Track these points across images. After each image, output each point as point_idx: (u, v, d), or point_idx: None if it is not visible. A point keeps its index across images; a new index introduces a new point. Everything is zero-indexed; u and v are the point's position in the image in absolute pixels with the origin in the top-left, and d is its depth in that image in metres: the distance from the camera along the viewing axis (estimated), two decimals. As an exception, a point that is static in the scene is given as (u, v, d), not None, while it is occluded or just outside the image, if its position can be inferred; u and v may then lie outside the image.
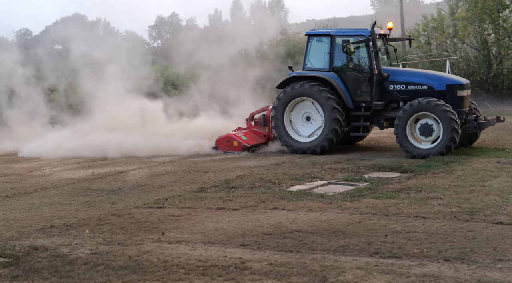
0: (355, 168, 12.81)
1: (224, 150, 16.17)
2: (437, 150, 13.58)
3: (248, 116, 17.14)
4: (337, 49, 15.27)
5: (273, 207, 9.34)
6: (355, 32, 15.52)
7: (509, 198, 9.11)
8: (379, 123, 15.12)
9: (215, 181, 11.83)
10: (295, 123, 15.60)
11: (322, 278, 5.97)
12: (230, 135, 16.39)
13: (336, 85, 15.00)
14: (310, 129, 15.46)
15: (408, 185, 10.57)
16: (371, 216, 8.44)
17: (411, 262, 6.35)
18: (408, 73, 15.62)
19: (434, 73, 16.40)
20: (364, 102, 15.04)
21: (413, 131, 14.02)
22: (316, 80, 15.22)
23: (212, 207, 9.50)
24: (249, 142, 16.20)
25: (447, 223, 7.87)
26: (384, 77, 14.88)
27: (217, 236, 7.71)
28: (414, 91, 14.64)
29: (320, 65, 15.58)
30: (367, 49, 14.99)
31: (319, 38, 15.78)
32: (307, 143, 15.27)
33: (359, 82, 15.18)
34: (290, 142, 15.43)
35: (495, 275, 5.81)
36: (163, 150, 16.71)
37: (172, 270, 6.41)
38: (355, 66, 15.32)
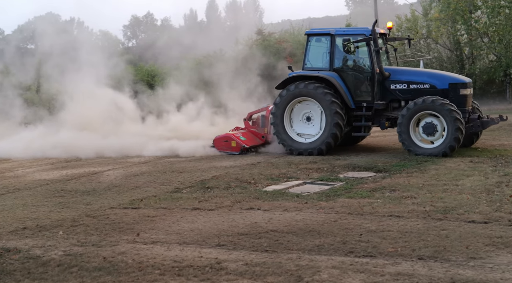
0: (330, 167, 12.88)
1: (222, 150, 15.88)
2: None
3: (246, 116, 16.84)
4: (337, 48, 15.07)
5: (248, 207, 9.34)
6: (355, 31, 15.42)
7: (481, 197, 9.24)
8: (380, 123, 14.93)
9: (190, 182, 11.79)
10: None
11: (297, 277, 5.98)
12: (228, 135, 16.08)
13: (337, 85, 14.80)
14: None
15: (382, 185, 10.65)
16: (346, 216, 8.49)
17: (386, 261, 6.40)
18: (409, 72, 15.46)
19: (436, 72, 16.23)
20: (365, 102, 14.86)
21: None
22: (316, 80, 15.02)
23: (188, 207, 9.47)
24: (247, 143, 15.93)
25: (421, 222, 7.95)
26: (385, 77, 14.73)
27: (193, 237, 7.68)
28: (416, 90, 14.48)
29: (320, 64, 15.39)
30: (368, 48, 14.81)
31: (319, 38, 15.56)
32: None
33: (360, 81, 15.01)
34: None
35: (467, 273, 5.88)
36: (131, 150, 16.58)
37: (147, 271, 6.37)
38: (356, 66, 15.17)
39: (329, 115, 14.65)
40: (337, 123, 14.60)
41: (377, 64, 14.59)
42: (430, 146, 13.69)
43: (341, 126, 14.67)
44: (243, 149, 15.63)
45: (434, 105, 13.54)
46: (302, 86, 14.97)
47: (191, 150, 16.11)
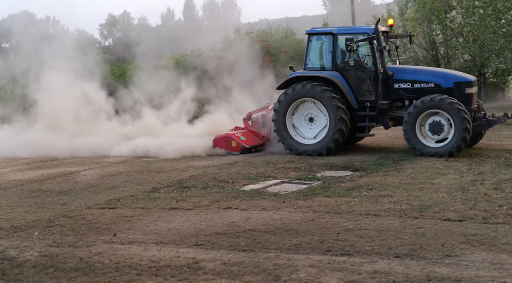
0: (308, 166, 12.92)
1: (221, 150, 15.51)
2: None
3: (246, 116, 16.46)
4: (339, 47, 14.76)
5: (226, 206, 9.33)
6: (358, 30, 15.10)
7: (456, 195, 9.35)
8: (383, 123, 14.66)
9: (168, 181, 11.74)
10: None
11: (275, 276, 6.00)
12: (228, 135, 15.69)
13: (341, 85, 14.49)
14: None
15: (359, 183, 10.72)
16: (323, 214, 8.53)
17: (363, 259, 6.44)
18: (413, 71, 15.26)
19: (441, 71, 15.97)
20: (369, 101, 14.54)
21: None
22: (318, 80, 14.68)
23: (165, 207, 9.42)
24: (248, 143, 15.57)
25: (398, 220, 8.02)
26: (389, 76, 14.43)
27: (170, 236, 7.65)
28: (421, 89, 14.19)
29: (322, 64, 15.10)
30: (370, 47, 14.49)
31: (320, 37, 15.22)
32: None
33: (363, 81, 14.72)
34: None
35: (443, 270, 5.95)
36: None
37: (124, 271, 6.33)
38: (359, 65, 14.84)
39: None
40: (341, 117, 14.23)
41: (381, 63, 14.35)
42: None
43: (345, 120, 14.32)
44: (244, 149, 15.30)
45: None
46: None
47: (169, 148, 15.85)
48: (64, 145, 16.80)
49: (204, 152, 15.65)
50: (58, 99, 18.61)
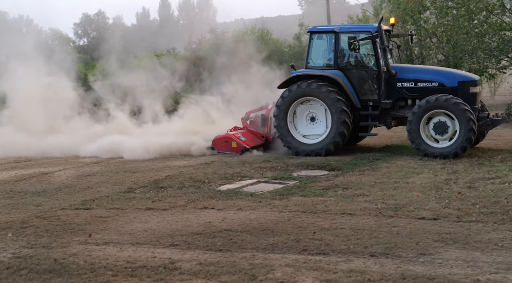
0: (284, 166, 12.95)
1: (221, 151, 15.18)
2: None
3: (244, 116, 16.16)
4: (342, 46, 14.58)
5: (202, 206, 9.31)
6: (360, 28, 15.03)
7: (430, 194, 9.46)
8: (386, 123, 14.46)
9: (143, 181, 11.68)
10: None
11: (251, 276, 6.00)
12: (228, 136, 15.33)
13: (343, 84, 14.29)
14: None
15: (335, 183, 10.78)
16: (299, 214, 8.56)
17: (338, 258, 6.48)
18: (416, 70, 15.13)
19: (445, 70, 15.86)
20: (371, 101, 14.37)
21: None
22: (320, 78, 14.47)
23: (141, 207, 9.37)
24: (248, 143, 15.22)
25: (373, 219, 8.09)
26: (392, 75, 14.27)
27: (146, 237, 7.61)
28: (424, 88, 14.02)
29: (324, 63, 14.89)
30: (373, 46, 14.33)
31: (322, 35, 15.04)
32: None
33: (365, 80, 14.55)
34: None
35: (417, 268, 6.01)
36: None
37: (99, 272, 6.27)
38: (362, 64, 14.65)
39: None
40: (344, 121, 14.07)
41: (384, 62, 14.19)
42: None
43: (348, 124, 14.15)
44: (244, 150, 14.93)
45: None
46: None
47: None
48: (35, 145, 16.58)
49: (179, 151, 15.53)
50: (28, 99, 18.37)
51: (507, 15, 23.79)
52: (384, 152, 14.09)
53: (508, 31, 23.20)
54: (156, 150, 15.47)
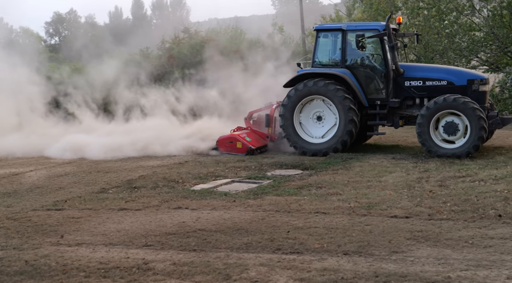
0: (258, 166, 12.97)
1: (226, 151, 14.76)
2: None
3: (247, 115, 15.76)
4: (349, 44, 14.34)
5: (176, 206, 9.27)
6: (368, 26, 14.87)
7: (403, 193, 9.56)
8: (393, 122, 14.24)
9: (117, 182, 11.58)
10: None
11: (225, 276, 6.00)
12: (233, 136, 14.93)
13: (351, 83, 14.07)
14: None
15: (309, 182, 10.83)
16: (273, 213, 8.58)
17: (312, 257, 6.52)
18: (424, 69, 14.89)
19: (453, 68, 15.75)
20: (379, 99, 14.16)
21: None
22: (326, 77, 14.25)
23: (114, 208, 9.29)
24: (254, 143, 14.85)
25: (346, 218, 8.15)
26: (400, 73, 14.08)
27: (119, 237, 7.56)
28: (433, 87, 13.87)
29: (331, 61, 14.70)
30: (381, 44, 14.16)
31: (329, 33, 14.84)
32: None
33: (373, 78, 14.34)
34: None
35: (390, 266, 6.08)
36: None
37: (71, 274, 6.21)
38: (369, 62, 14.46)
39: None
40: (352, 119, 13.85)
41: (393, 60, 14.03)
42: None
43: (355, 122, 13.94)
44: (250, 151, 14.58)
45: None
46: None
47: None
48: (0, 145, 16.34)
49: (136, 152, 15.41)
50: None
51: (476, 15, 24.18)
52: (357, 151, 14.18)
53: (478, 31, 23.58)
54: (126, 149, 15.35)
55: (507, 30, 22.87)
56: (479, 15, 24.10)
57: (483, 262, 6.08)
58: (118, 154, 15.15)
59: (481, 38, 23.41)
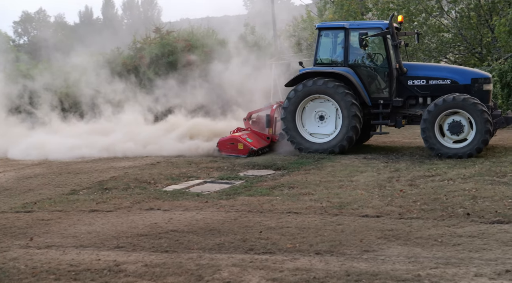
0: (230, 166, 12.96)
1: (227, 153, 14.46)
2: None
3: (246, 116, 15.47)
4: (352, 43, 14.19)
5: (148, 207, 9.22)
6: (371, 24, 14.82)
7: (374, 192, 9.65)
8: (396, 121, 14.11)
9: (87, 183, 11.46)
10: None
11: (198, 277, 5.98)
12: (234, 137, 14.62)
13: (354, 81, 13.93)
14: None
15: (281, 182, 10.87)
16: (246, 214, 8.59)
17: (284, 257, 6.54)
18: (428, 68, 14.88)
19: (457, 67, 15.66)
20: (382, 98, 14.04)
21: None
22: (328, 76, 14.10)
23: (85, 209, 9.20)
24: (255, 145, 14.60)
25: (318, 217, 8.19)
26: (404, 72, 13.97)
27: (90, 239, 7.48)
28: (436, 86, 13.77)
29: (333, 60, 14.56)
30: (384, 43, 14.05)
31: (332, 32, 14.69)
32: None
33: (376, 77, 14.26)
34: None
35: (361, 265, 6.13)
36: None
37: (41, 277, 6.12)
38: (372, 61, 14.39)
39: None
40: (355, 114, 13.73)
41: (396, 59, 13.92)
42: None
43: (359, 117, 13.81)
44: (252, 152, 14.31)
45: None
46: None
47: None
48: None
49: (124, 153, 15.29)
50: None
51: (445, 17, 24.56)
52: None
53: (446, 33, 23.96)
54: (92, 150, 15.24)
55: (475, 31, 23.30)
56: (447, 16, 24.49)
57: (452, 260, 6.18)
58: (86, 154, 15.00)
59: (449, 39, 23.81)
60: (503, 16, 20.99)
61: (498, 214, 7.90)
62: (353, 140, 13.96)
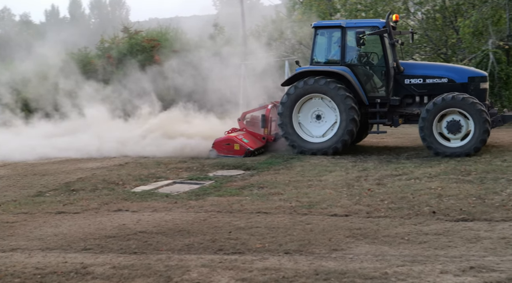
0: (200, 166, 12.92)
1: (222, 154, 14.19)
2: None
3: (240, 116, 15.26)
4: (348, 41, 14.06)
5: (116, 208, 9.14)
6: (368, 23, 14.48)
7: (342, 191, 9.73)
8: (393, 120, 14.03)
9: (54, 184, 11.30)
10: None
11: (166, 278, 5.95)
12: (230, 138, 14.43)
13: (352, 80, 13.79)
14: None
15: (251, 182, 10.88)
16: (215, 214, 8.58)
17: (254, 257, 6.55)
18: (424, 66, 14.75)
19: (454, 65, 15.67)
20: (379, 98, 13.93)
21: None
22: (326, 75, 13.94)
23: (51, 211, 9.07)
24: (251, 145, 14.40)
25: (287, 217, 8.23)
26: (401, 71, 13.87)
27: (57, 242, 7.38)
28: (433, 85, 13.70)
29: (330, 59, 14.38)
30: (381, 41, 13.88)
31: (328, 31, 14.54)
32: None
33: (373, 76, 14.18)
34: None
35: (330, 264, 6.17)
36: None
37: (6, 280, 6.02)
38: (369, 60, 14.31)
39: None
40: (353, 118, 13.59)
41: (394, 58, 13.83)
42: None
43: (356, 121, 13.66)
44: (248, 152, 14.10)
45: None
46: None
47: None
48: None
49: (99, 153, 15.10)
50: None
51: (411, 18, 24.91)
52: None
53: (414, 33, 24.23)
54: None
55: (440, 32, 23.68)
56: (413, 17, 24.83)
57: (418, 258, 6.27)
58: (50, 155, 14.84)
59: (415, 40, 24.11)
60: (467, 18, 21.37)
61: (462, 212, 8.05)
62: (348, 143, 13.90)
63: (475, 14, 20.73)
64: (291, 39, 32.62)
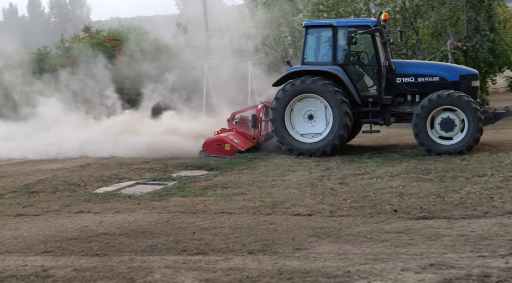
0: (163, 167, 12.84)
1: (213, 154, 13.97)
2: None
3: (230, 116, 14.98)
4: (340, 41, 13.90)
5: (78, 210, 9.03)
6: (359, 22, 14.51)
7: (306, 191, 9.80)
8: (385, 119, 13.93)
9: (13, 186, 11.08)
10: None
11: (129, 280, 5.90)
12: (221, 138, 14.22)
13: (344, 80, 13.59)
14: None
15: (215, 182, 10.86)
16: (179, 215, 8.54)
17: (218, 257, 6.54)
18: (416, 65, 14.78)
19: (445, 64, 15.63)
20: (371, 97, 13.78)
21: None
22: (318, 74, 13.69)
23: (10, 214, 8.91)
24: (242, 145, 14.22)
25: (251, 217, 8.24)
26: (393, 70, 13.75)
27: (16, 244, 7.24)
28: (425, 83, 13.61)
29: (321, 58, 14.19)
30: (373, 40, 13.77)
31: (319, 30, 14.33)
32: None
33: (365, 75, 14.06)
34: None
35: (293, 263, 6.21)
36: None
37: (-36, 285, 5.89)
38: (360, 59, 14.22)
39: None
40: (346, 117, 13.40)
41: (385, 57, 13.73)
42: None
43: (350, 115, 13.47)
44: (239, 153, 13.88)
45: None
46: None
47: None
48: None
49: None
50: None
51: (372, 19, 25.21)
52: (261, 151, 14.34)
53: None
54: None
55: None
56: (375, 18, 25.15)
57: (380, 256, 6.35)
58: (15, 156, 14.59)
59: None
60: (427, 19, 21.75)
61: (423, 210, 8.19)
62: (345, 138, 13.75)
63: (434, 15, 21.13)
64: (254, 39, 32.65)
